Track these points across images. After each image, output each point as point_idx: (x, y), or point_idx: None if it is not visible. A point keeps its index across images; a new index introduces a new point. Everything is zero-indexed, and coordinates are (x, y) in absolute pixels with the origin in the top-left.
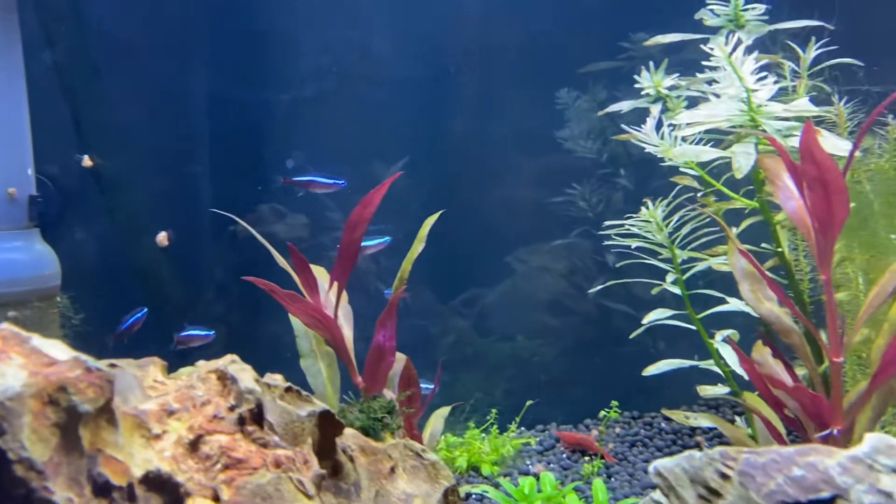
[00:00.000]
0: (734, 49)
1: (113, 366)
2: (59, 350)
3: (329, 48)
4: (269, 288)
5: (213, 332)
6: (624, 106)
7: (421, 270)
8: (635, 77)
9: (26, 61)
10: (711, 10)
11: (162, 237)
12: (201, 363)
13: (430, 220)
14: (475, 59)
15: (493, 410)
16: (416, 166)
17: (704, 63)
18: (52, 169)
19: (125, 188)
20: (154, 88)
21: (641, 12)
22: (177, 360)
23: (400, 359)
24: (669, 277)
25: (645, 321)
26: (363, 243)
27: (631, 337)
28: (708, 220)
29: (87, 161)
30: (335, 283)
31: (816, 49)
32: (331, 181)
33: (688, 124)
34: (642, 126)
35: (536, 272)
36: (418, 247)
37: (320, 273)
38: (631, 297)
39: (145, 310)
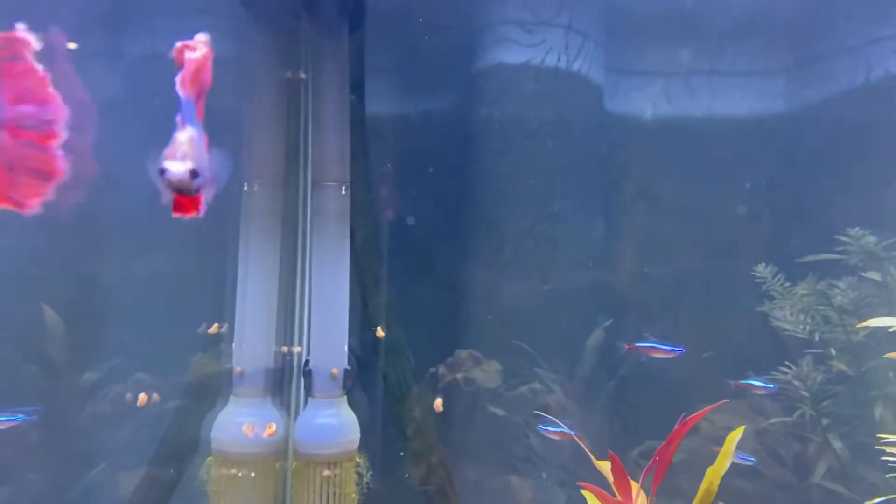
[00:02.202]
0: None
1: None
2: None
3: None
4: (599, 494)
5: (774, 386)
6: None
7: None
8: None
9: None
10: None
11: (438, 403)
12: None
13: (736, 435)
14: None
15: None
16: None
17: None
18: (352, 341)
19: (399, 356)
20: (428, 269)
21: (857, 208)
22: None
23: None
24: None
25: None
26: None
27: None
28: None
29: (380, 332)
30: (640, 489)
31: None
32: (669, 348)
33: None
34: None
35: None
36: (725, 462)
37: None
38: (847, 477)
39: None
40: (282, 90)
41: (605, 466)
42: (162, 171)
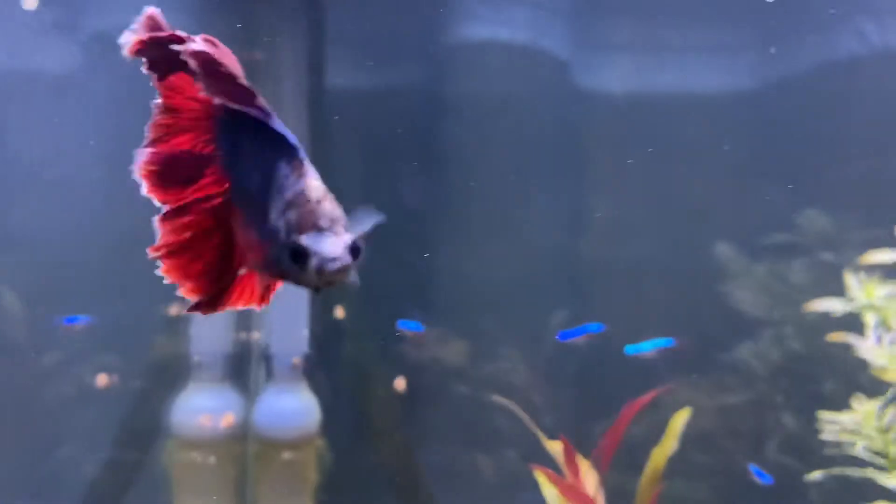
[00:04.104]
0: None
1: None
2: None
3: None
4: (547, 474)
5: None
6: (837, 307)
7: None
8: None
9: None
10: None
11: (399, 383)
12: None
13: (681, 417)
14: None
15: None
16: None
17: None
18: (313, 324)
19: (360, 338)
20: (393, 249)
21: (813, 191)
22: None
23: None
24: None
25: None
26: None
27: None
28: None
29: (339, 313)
30: (594, 470)
31: None
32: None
33: None
34: (863, 339)
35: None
36: (670, 443)
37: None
38: (799, 451)
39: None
40: None
41: (556, 447)
42: (302, 257)
